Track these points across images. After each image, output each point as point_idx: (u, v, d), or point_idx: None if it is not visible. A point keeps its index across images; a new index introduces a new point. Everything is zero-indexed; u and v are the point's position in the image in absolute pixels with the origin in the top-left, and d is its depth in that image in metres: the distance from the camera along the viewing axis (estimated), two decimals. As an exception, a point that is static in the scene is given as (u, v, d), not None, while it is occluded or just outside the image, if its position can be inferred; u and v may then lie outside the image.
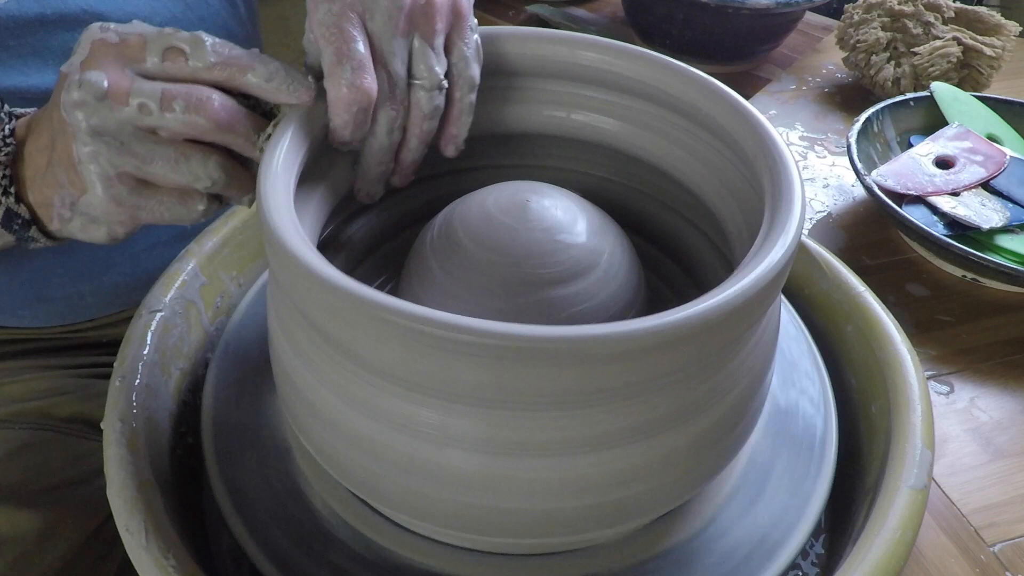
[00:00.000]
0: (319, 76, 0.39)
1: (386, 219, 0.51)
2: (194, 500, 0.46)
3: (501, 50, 0.46)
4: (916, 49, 0.90)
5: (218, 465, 0.44)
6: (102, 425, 0.42)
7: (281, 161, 0.36)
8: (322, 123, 0.39)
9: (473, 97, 0.43)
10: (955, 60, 0.88)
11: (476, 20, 0.43)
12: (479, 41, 0.43)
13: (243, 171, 0.39)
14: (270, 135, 0.37)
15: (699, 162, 0.46)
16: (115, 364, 0.45)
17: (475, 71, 0.43)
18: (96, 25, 0.36)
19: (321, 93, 0.38)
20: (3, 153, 0.39)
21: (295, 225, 0.33)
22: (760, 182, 0.38)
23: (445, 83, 0.41)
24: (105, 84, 0.35)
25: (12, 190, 0.39)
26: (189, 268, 0.52)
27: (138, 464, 0.41)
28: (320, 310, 0.32)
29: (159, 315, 0.49)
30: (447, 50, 0.42)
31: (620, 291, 0.42)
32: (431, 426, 0.33)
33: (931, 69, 0.88)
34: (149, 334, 0.47)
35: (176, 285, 0.50)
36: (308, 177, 0.40)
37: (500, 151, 0.51)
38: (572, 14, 1.33)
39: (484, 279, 0.40)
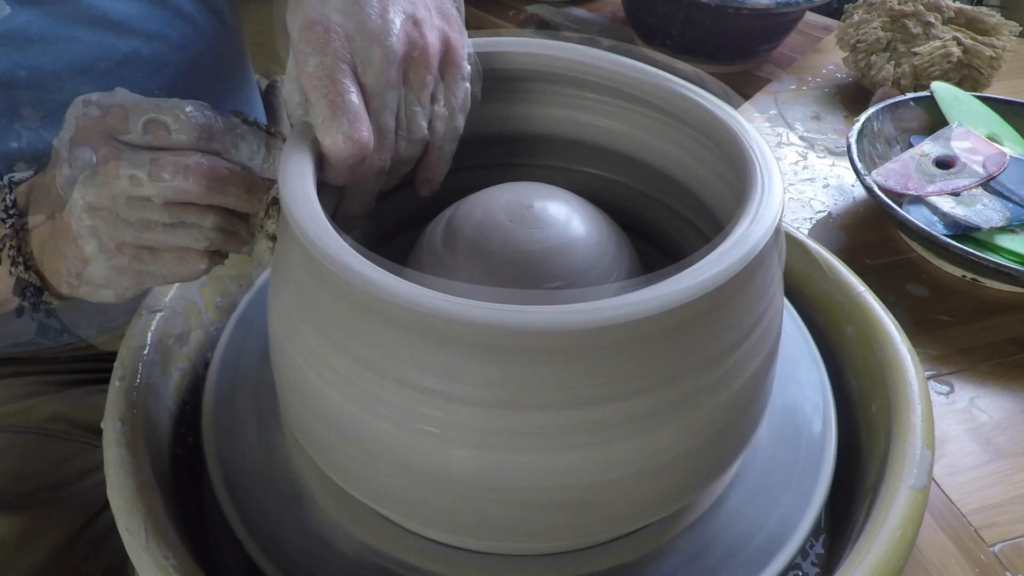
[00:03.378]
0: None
1: (387, 220, 0.51)
2: (194, 500, 0.46)
3: (504, 54, 0.46)
4: (916, 49, 0.89)
5: (218, 465, 0.44)
6: (102, 425, 0.42)
7: (304, 169, 0.36)
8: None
9: (454, 147, 0.43)
10: (955, 60, 0.88)
11: (469, 68, 0.43)
12: (468, 90, 0.43)
13: (241, 224, 0.39)
14: (274, 199, 0.38)
15: (698, 163, 0.46)
16: (115, 364, 0.45)
17: (460, 122, 0.42)
18: (79, 100, 0.37)
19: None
20: (8, 225, 0.40)
21: (317, 212, 0.34)
22: (746, 178, 0.38)
23: (428, 136, 0.41)
24: (94, 160, 0.35)
25: (20, 260, 0.40)
26: (189, 268, 0.52)
27: (138, 464, 0.40)
28: (337, 296, 0.33)
29: (159, 315, 0.49)
30: (434, 98, 0.41)
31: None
32: (434, 419, 0.33)
33: (931, 69, 0.88)
34: (149, 334, 0.47)
35: (176, 285, 0.50)
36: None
37: (501, 151, 0.51)
38: (572, 14, 1.33)
39: (486, 281, 0.40)
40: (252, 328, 0.51)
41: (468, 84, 0.42)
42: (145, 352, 0.46)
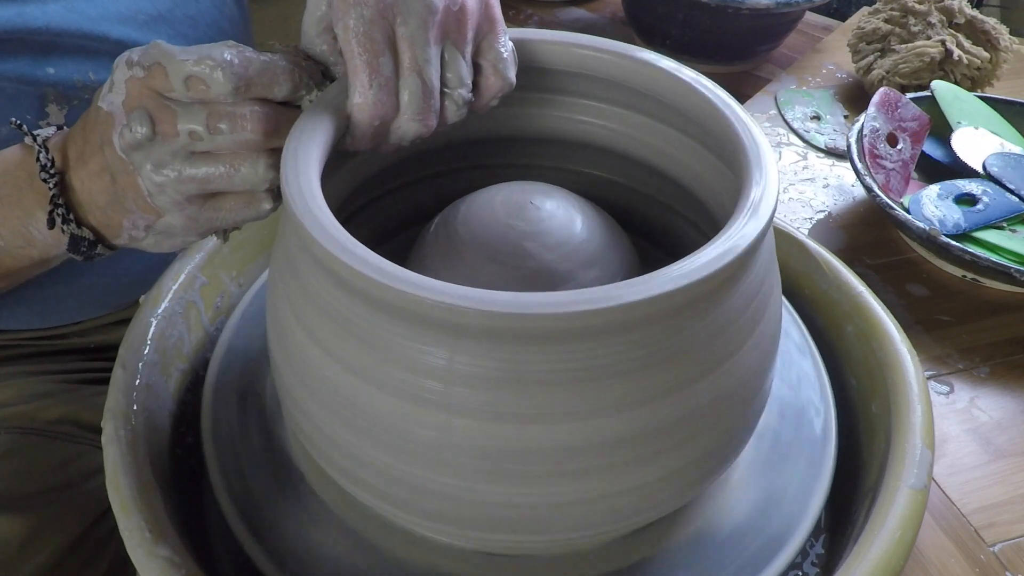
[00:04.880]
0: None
1: (386, 219, 0.51)
2: (194, 500, 0.46)
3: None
4: (896, 47, 0.90)
5: (218, 465, 0.44)
6: (102, 424, 0.42)
7: (309, 152, 0.36)
8: (338, 128, 0.38)
9: (497, 100, 0.42)
10: (928, 61, 0.88)
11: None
12: (514, 47, 0.42)
13: None
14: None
15: (696, 161, 0.46)
16: (115, 363, 0.45)
17: (513, 72, 0.42)
18: (123, 61, 0.37)
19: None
20: (52, 184, 0.40)
21: (319, 200, 0.34)
22: (742, 178, 0.38)
23: (471, 96, 0.40)
24: (151, 122, 0.36)
25: (71, 217, 0.41)
26: (189, 268, 0.52)
27: (138, 464, 0.40)
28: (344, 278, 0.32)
29: (159, 315, 0.49)
30: (482, 53, 0.41)
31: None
32: (435, 405, 0.33)
33: (902, 66, 0.88)
34: (149, 334, 0.47)
35: (176, 285, 0.51)
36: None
37: (501, 151, 0.51)
38: (572, 15, 1.33)
39: (486, 280, 0.40)
40: (252, 328, 0.51)
41: (511, 42, 0.42)
42: (145, 352, 0.46)
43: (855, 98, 0.95)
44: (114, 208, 0.40)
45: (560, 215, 0.42)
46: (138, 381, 0.45)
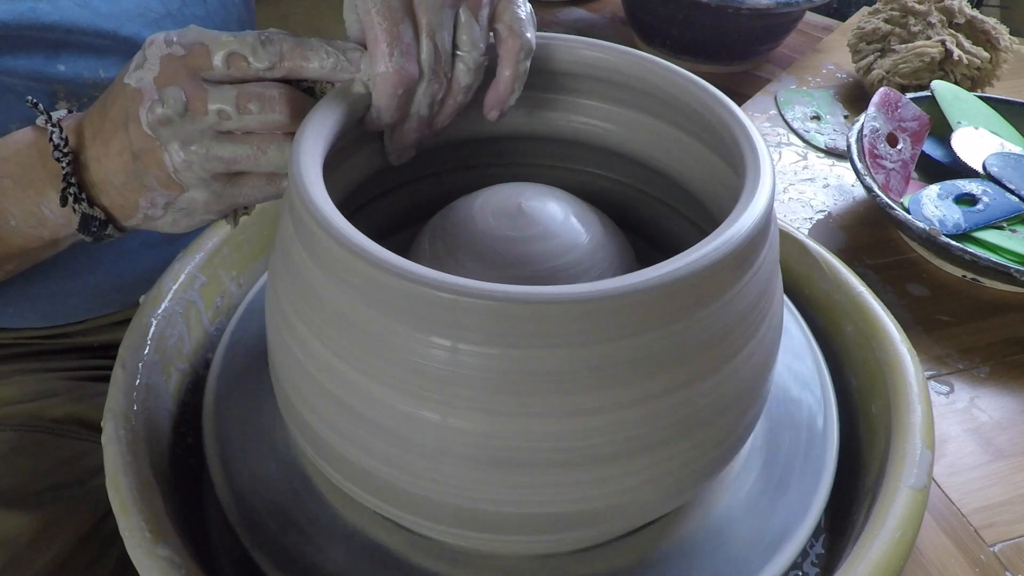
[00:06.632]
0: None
1: (385, 218, 0.51)
2: (194, 500, 0.46)
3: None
4: (896, 46, 0.90)
5: (219, 465, 0.44)
6: (102, 424, 0.42)
7: (316, 145, 0.36)
8: (348, 116, 0.39)
9: (528, 64, 0.42)
10: (928, 60, 0.88)
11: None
12: (532, 10, 0.42)
13: None
14: None
15: (697, 161, 0.46)
16: (115, 363, 0.45)
17: (532, 34, 0.41)
18: (160, 39, 0.38)
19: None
20: (65, 163, 0.40)
21: (323, 192, 0.34)
22: (743, 177, 0.38)
23: (485, 59, 0.41)
24: (184, 98, 0.37)
25: (83, 196, 0.41)
26: (189, 268, 0.52)
27: (138, 464, 0.40)
28: (349, 273, 0.32)
29: (159, 315, 0.49)
30: (498, 17, 0.41)
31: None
32: (435, 401, 0.33)
33: (902, 66, 0.88)
34: (149, 334, 0.47)
35: (176, 285, 0.51)
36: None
37: (500, 151, 0.51)
38: (572, 15, 1.33)
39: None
40: (252, 328, 0.51)
41: (529, 5, 0.42)
42: (145, 352, 0.46)
43: (855, 98, 0.95)
44: (131, 186, 0.40)
45: (555, 217, 0.42)
46: (138, 381, 0.45)
